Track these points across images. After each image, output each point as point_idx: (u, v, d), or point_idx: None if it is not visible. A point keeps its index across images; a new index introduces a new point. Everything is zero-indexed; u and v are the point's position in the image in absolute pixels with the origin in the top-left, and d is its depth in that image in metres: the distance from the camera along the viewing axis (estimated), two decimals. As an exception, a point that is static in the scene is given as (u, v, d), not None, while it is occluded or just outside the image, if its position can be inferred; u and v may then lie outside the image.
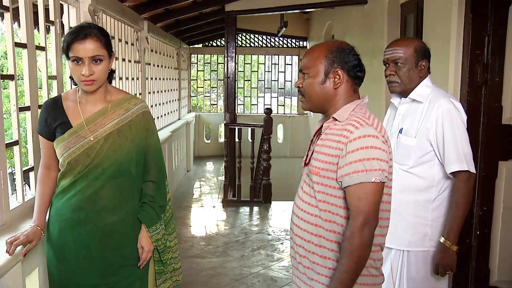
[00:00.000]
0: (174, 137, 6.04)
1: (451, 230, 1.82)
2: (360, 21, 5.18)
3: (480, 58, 2.72)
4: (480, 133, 2.77)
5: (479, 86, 2.75)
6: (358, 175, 1.33)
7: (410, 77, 1.88)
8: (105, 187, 1.73)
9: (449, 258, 1.82)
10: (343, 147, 1.36)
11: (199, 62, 9.94)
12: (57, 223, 1.76)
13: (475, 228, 2.81)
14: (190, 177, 7.38)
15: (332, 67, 1.43)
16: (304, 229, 1.47)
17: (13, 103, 2.02)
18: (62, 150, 1.72)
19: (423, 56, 1.88)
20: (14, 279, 1.66)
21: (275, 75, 9.84)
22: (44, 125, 1.77)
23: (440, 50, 3.01)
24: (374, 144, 1.35)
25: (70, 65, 1.68)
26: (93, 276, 1.76)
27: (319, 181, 1.42)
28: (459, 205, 1.81)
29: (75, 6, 2.71)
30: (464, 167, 1.80)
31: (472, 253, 2.83)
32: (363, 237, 1.33)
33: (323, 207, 1.42)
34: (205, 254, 3.88)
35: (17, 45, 2.02)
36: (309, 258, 1.47)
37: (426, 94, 1.88)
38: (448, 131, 1.80)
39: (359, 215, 1.33)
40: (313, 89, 1.45)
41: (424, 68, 1.89)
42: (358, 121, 1.38)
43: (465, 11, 2.73)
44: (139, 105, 1.83)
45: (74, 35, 1.64)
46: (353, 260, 1.33)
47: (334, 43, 1.46)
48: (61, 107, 1.76)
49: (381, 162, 1.35)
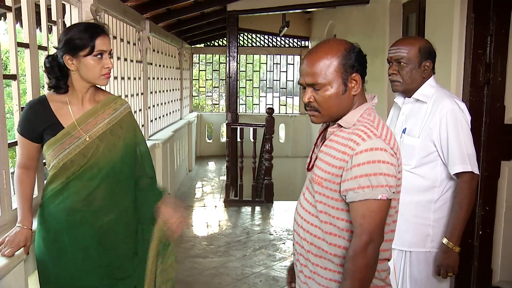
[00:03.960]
0: (176, 137, 6.05)
1: (453, 231, 1.80)
2: (362, 21, 5.18)
3: (482, 58, 2.72)
4: (483, 133, 2.76)
5: (481, 86, 2.74)
6: (364, 191, 1.25)
7: (412, 77, 1.86)
8: (100, 187, 1.73)
9: (451, 259, 1.80)
10: (348, 159, 1.28)
11: (201, 62, 9.95)
12: (51, 227, 1.73)
13: (477, 228, 2.80)
14: (192, 177, 7.39)
15: (349, 74, 1.31)
16: (303, 238, 1.42)
17: (16, 103, 2.02)
18: (56, 151, 1.68)
19: (427, 56, 1.86)
20: (16, 279, 1.67)
21: (277, 75, 9.84)
22: (28, 126, 1.71)
23: (442, 49, 3.00)
24: (381, 158, 1.26)
25: (86, 62, 1.65)
26: (91, 279, 1.75)
27: (321, 192, 1.35)
28: (462, 206, 1.79)
29: (77, 6, 2.71)
30: (468, 168, 1.78)
31: (474, 253, 2.82)
32: (367, 257, 1.25)
33: (324, 219, 1.36)
34: (207, 254, 3.88)
35: (19, 45, 2.02)
36: (309, 268, 1.41)
37: (430, 94, 1.87)
38: (452, 131, 1.79)
39: (363, 233, 1.25)
40: (332, 103, 1.32)
41: (427, 69, 1.87)
42: (365, 132, 1.28)
43: (467, 10, 2.73)
44: (124, 105, 1.86)
45: (96, 30, 1.66)
46: (356, 282, 1.25)
47: (340, 46, 1.32)
48: (49, 108, 1.71)
49: (388, 177, 1.26)
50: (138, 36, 4.56)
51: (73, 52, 1.64)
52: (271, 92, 9.98)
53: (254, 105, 10.96)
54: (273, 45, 9.53)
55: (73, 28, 1.70)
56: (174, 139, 5.88)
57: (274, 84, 10.04)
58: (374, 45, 4.52)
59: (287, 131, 9.44)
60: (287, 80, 9.80)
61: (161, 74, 6.05)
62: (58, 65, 1.69)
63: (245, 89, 9.95)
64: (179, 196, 5.91)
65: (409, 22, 3.97)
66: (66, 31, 1.71)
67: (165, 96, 6.29)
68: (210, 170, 8.16)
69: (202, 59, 9.93)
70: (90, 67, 1.66)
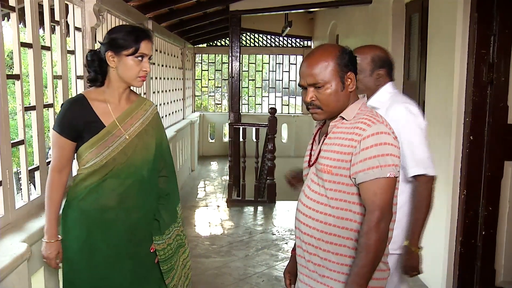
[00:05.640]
0: (178, 137, 6.06)
1: (413, 233, 1.85)
2: (365, 21, 5.17)
3: (485, 58, 2.71)
4: (486, 133, 2.75)
5: (484, 86, 2.73)
6: (373, 171, 1.38)
7: (365, 84, 1.93)
8: (134, 185, 1.77)
9: (414, 261, 1.85)
10: (356, 145, 1.40)
11: (203, 62, 9.96)
12: (84, 225, 1.75)
13: (480, 229, 2.80)
14: (194, 176, 7.40)
15: (344, 73, 1.45)
16: (313, 227, 1.49)
17: (19, 103, 2.02)
18: (99, 149, 1.71)
19: (380, 65, 1.93)
20: (20, 278, 1.67)
21: (279, 75, 9.84)
22: (67, 125, 1.70)
23: (445, 49, 3.00)
24: (387, 140, 1.40)
25: (127, 61, 1.70)
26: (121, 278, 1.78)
27: (331, 179, 1.45)
28: (420, 208, 1.84)
29: (80, 6, 2.71)
30: (422, 171, 1.82)
31: (477, 253, 2.81)
32: (380, 232, 1.37)
33: (335, 205, 1.45)
34: (209, 253, 3.88)
35: (22, 45, 2.02)
36: (320, 255, 1.49)
37: (385, 100, 1.93)
38: (404, 136, 1.81)
39: (376, 210, 1.37)
40: (332, 99, 1.45)
41: (381, 76, 1.93)
42: (369, 119, 1.43)
43: (471, 10, 2.72)
44: (152, 106, 1.92)
45: (143, 34, 1.72)
46: (371, 254, 1.36)
47: (335, 48, 1.47)
48: (89, 105, 1.73)
49: (394, 157, 1.40)
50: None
51: (116, 50, 1.69)
52: (273, 92, 9.98)
53: (257, 105, 10.96)
54: (276, 45, 9.53)
55: (120, 28, 1.76)
56: (176, 139, 5.89)
57: (276, 84, 10.04)
58: (377, 45, 4.51)
59: (290, 131, 9.44)
60: (289, 80, 9.79)
61: (164, 74, 6.06)
62: (99, 60, 1.73)
63: (248, 89, 9.96)
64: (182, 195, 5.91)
65: (412, 22, 3.96)
66: (113, 30, 1.76)
67: (167, 96, 6.30)
68: (212, 170, 8.17)
69: (204, 59, 9.93)
70: (130, 67, 1.71)
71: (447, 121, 2.93)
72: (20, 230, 1.86)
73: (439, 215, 2.98)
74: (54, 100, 2.38)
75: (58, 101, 2.41)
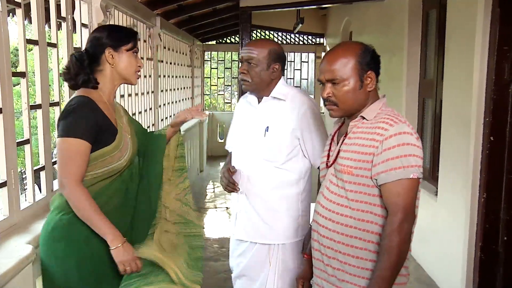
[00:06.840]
0: (186, 137, 5.99)
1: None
2: (379, 17, 5.05)
3: (508, 55, 2.61)
4: (507, 133, 2.65)
5: (506, 84, 2.63)
6: (396, 172, 1.35)
7: (261, 77, 1.98)
8: (133, 179, 1.80)
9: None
10: (378, 145, 1.38)
11: (212, 60, 9.88)
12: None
13: (501, 234, 2.70)
14: (203, 177, 7.33)
15: (365, 71, 1.44)
16: (333, 229, 1.46)
17: (24, 101, 1.98)
18: (122, 152, 1.67)
19: (275, 59, 1.99)
20: (24, 281, 1.64)
21: (290, 73, 9.72)
22: (91, 129, 1.58)
23: (464, 47, 2.90)
24: (409, 141, 1.37)
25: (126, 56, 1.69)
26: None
27: (351, 180, 1.43)
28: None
29: (86, 2, 2.67)
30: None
31: (498, 260, 2.72)
32: (403, 233, 1.34)
33: (356, 207, 1.42)
34: (218, 256, 3.83)
35: (28, 41, 2.00)
36: (339, 259, 1.46)
37: (286, 93, 2.01)
38: (313, 127, 1.95)
39: (398, 211, 1.34)
40: (350, 97, 1.44)
41: (276, 71, 2.00)
42: (391, 119, 1.40)
43: (493, 5, 2.62)
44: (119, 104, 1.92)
45: (132, 30, 1.75)
46: (394, 257, 1.33)
47: (357, 46, 1.47)
48: (99, 108, 1.65)
49: (417, 158, 1.37)
50: (148, 33, 4.50)
51: (116, 44, 1.66)
52: (284, 90, 9.88)
53: (267, 103, 10.87)
54: (287, 42, 9.39)
55: (107, 27, 1.77)
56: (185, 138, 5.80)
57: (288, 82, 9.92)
58: (391, 43, 4.39)
59: (300, 129, 9.33)
60: (301, 78, 9.68)
61: (172, 72, 5.99)
62: (89, 59, 1.66)
63: (258, 87, 9.85)
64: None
65: (429, 18, 3.85)
66: (102, 28, 1.73)
67: (176, 94, 6.23)
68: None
69: (214, 56, 9.86)
70: (129, 62, 1.70)
71: (466, 121, 2.84)
72: (25, 231, 1.83)
73: (457, 219, 2.88)
74: (60, 98, 2.34)
75: (64, 99, 2.36)
